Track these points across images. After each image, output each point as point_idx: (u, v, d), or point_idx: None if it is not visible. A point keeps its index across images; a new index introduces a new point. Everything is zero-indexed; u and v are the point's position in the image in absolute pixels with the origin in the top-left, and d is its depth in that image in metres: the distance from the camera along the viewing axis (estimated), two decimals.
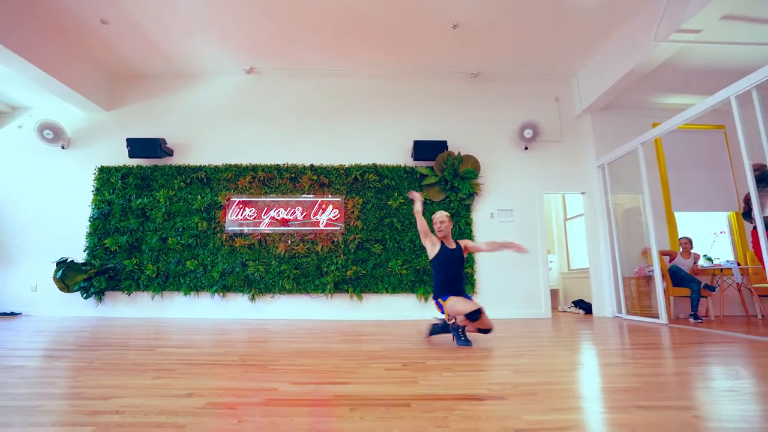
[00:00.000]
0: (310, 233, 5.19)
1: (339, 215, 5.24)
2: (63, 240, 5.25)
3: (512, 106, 5.75)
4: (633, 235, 5.38)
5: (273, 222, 5.23)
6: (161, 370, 1.93)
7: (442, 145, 5.35)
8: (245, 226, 5.23)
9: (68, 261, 4.96)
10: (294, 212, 5.25)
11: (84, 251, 5.20)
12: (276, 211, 5.25)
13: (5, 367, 2.00)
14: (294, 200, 5.30)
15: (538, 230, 5.37)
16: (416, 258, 5.12)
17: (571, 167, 5.64)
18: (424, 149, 5.32)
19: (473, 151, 5.51)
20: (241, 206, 5.27)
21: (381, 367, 2.04)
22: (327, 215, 5.23)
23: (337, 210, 5.25)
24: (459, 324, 2.84)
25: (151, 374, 1.85)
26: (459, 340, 2.83)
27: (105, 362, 2.14)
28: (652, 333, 3.56)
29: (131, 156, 5.29)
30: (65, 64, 4.99)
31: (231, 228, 5.22)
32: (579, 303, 5.95)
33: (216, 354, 2.44)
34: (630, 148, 4.84)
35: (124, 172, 5.38)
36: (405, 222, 5.21)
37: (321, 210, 5.25)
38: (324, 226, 5.20)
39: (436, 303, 2.97)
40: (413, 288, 5.07)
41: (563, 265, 6.96)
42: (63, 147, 5.57)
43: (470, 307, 2.71)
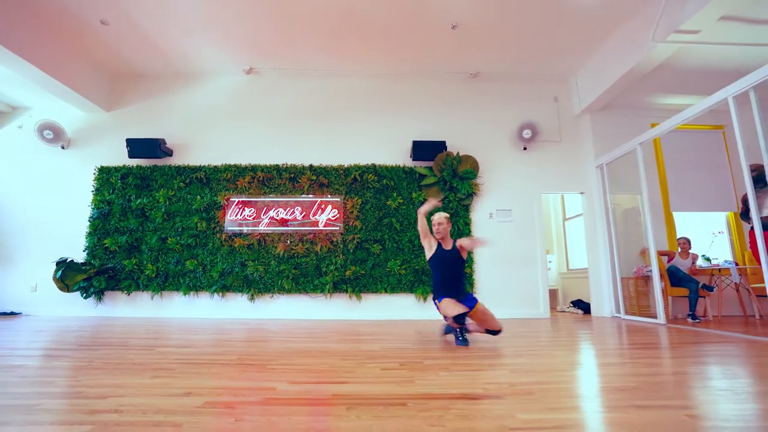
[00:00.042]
0: (309, 233, 5.20)
1: (338, 215, 5.25)
2: (63, 240, 5.26)
3: (511, 107, 5.76)
4: (632, 236, 5.40)
5: (272, 222, 5.24)
6: (160, 370, 1.94)
7: (441, 146, 5.36)
8: (244, 226, 5.24)
9: (68, 261, 4.97)
10: (293, 212, 5.26)
11: (84, 251, 5.21)
12: (275, 211, 5.26)
13: (5, 367, 2.01)
14: (293, 200, 5.31)
15: (537, 230, 5.38)
16: (415, 258, 5.13)
17: (570, 167, 5.65)
18: (423, 149, 5.33)
19: (472, 152, 5.52)
20: (241, 206, 5.28)
21: (378, 367, 2.05)
22: (326, 215, 5.24)
23: (336, 210, 5.26)
24: (452, 325, 2.87)
25: (150, 373, 1.86)
26: (457, 341, 2.85)
27: (104, 362, 2.15)
28: (650, 333, 3.57)
29: (131, 156, 5.31)
30: (65, 65, 5.00)
31: (230, 228, 5.23)
32: (578, 303, 5.96)
33: (215, 353, 2.45)
34: (629, 149, 4.85)
35: (124, 172, 5.39)
36: (404, 222, 5.23)
37: (320, 210, 5.26)
38: (323, 226, 5.21)
39: (435, 303, 3.00)
40: (412, 288, 5.08)
41: (562, 265, 6.97)
42: (63, 147, 5.58)
43: (456, 311, 2.73)
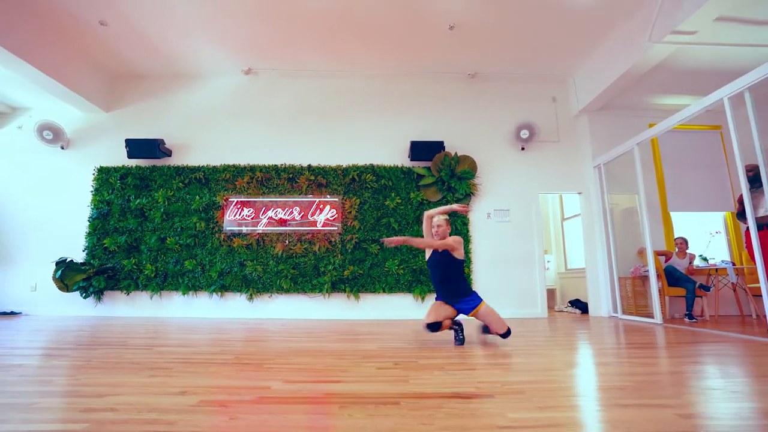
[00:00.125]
0: (308, 233, 5.22)
1: (336, 215, 5.27)
2: (62, 240, 5.28)
3: (509, 107, 5.77)
4: (629, 235, 5.41)
5: (271, 222, 5.26)
6: (157, 369, 1.96)
7: (439, 146, 5.38)
8: (243, 226, 5.26)
9: (67, 261, 4.99)
10: (292, 212, 5.28)
11: (83, 251, 5.23)
12: (274, 211, 5.28)
13: (4, 366, 2.03)
14: (292, 200, 5.33)
15: (535, 230, 5.40)
16: (413, 258, 5.15)
17: (568, 167, 5.66)
18: (421, 150, 5.34)
19: (470, 152, 5.53)
20: (239, 206, 5.30)
21: (374, 366, 2.07)
22: (324, 215, 5.26)
23: (335, 210, 5.28)
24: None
25: (147, 372, 1.88)
26: (456, 340, 2.87)
27: (103, 361, 2.17)
28: (646, 332, 3.59)
29: (130, 156, 5.33)
30: (64, 65, 5.02)
31: (229, 228, 5.25)
32: (575, 303, 5.98)
33: (212, 353, 2.47)
34: (626, 149, 4.86)
35: (123, 173, 5.42)
36: (402, 222, 5.25)
37: (318, 210, 5.28)
38: (321, 226, 5.23)
39: None
40: (410, 288, 5.10)
41: (560, 265, 6.99)
42: (62, 147, 5.60)
43: (429, 319, 2.83)
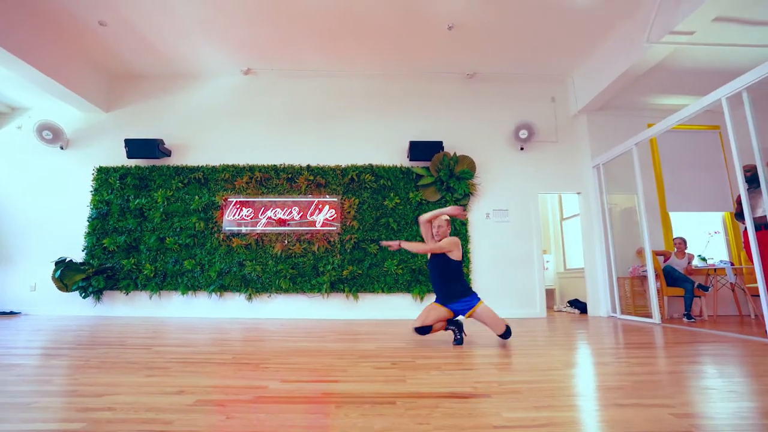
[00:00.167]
0: (307, 233, 5.23)
1: (335, 215, 5.28)
2: (62, 240, 5.29)
3: (508, 107, 5.78)
4: (628, 235, 5.41)
5: (270, 222, 5.27)
6: (155, 369, 1.97)
7: (438, 146, 5.38)
8: (242, 226, 5.27)
9: (67, 261, 5.00)
10: (291, 212, 5.29)
11: (82, 251, 5.24)
12: (273, 211, 5.29)
13: (3, 366, 2.04)
14: (291, 200, 5.33)
15: (534, 230, 5.41)
16: (412, 258, 5.16)
17: (567, 167, 5.67)
18: (420, 150, 5.35)
19: (469, 152, 5.54)
20: (239, 206, 5.31)
21: (371, 366, 2.08)
22: (323, 215, 5.27)
23: (334, 210, 5.29)
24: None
25: (145, 372, 1.89)
26: (455, 341, 2.88)
27: (101, 360, 2.18)
28: (644, 332, 3.59)
29: (129, 156, 5.34)
30: (64, 66, 5.03)
31: (228, 228, 5.26)
32: (574, 303, 5.99)
33: (210, 353, 2.47)
34: (625, 149, 4.87)
35: (123, 173, 5.42)
36: (401, 222, 5.25)
37: (317, 210, 5.29)
38: (320, 226, 5.24)
39: None
40: (409, 287, 5.11)
41: (559, 265, 7.00)
42: (62, 147, 5.61)
43: (417, 323, 2.86)
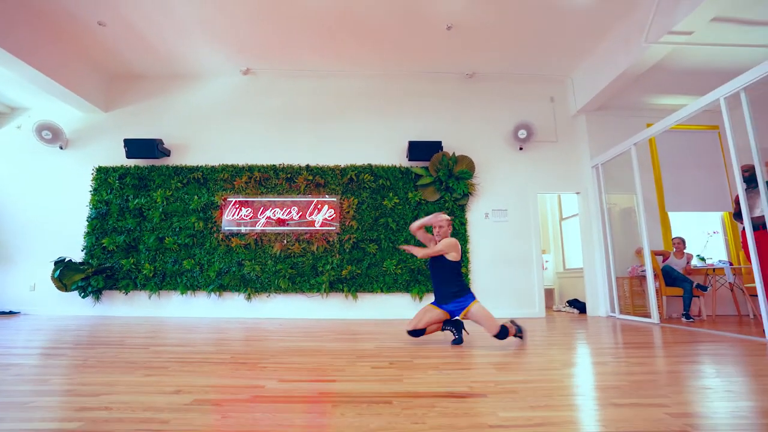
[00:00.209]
0: (306, 233, 5.23)
1: (334, 215, 5.28)
2: (61, 240, 5.29)
3: (507, 107, 5.78)
4: (627, 235, 5.42)
5: (269, 222, 5.27)
6: (153, 368, 1.97)
7: (437, 146, 5.39)
8: (241, 226, 5.27)
9: (66, 260, 5.00)
10: (290, 212, 5.29)
11: (82, 251, 5.24)
12: (272, 211, 5.29)
13: (2, 365, 2.04)
14: (290, 200, 5.34)
15: (532, 230, 5.41)
16: (411, 258, 5.16)
17: (566, 167, 5.67)
18: (419, 150, 5.35)
19: (468, 152, 5.54)
20: (238, 206, 5.31)
21: (368, 365, 2.08)
22: (322, 215, 5.27)
23: (333, 210, 5.29)
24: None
25: (143, 372, 1.89)
26: (453, 340, 2.88)
27: (99, 360, 2.18)
28: (643, 332, 3.60)
29: (129, 156, 5.34)
30: (63, 66, 5.03)
31: (227, 228, 5.26)
32: (573, 302, 5.99)
33: (208, 352, 2.48)
34: (623, 149, 4.87)
35: (122, 173, 5.43)
36: (400, 222, 5.25)
37: (317, 210, 5.29)
38: (319, 226, 5.24)
39: None
40: (408, 287, 5.12)
41: (559, 265, 7.00)
42: (61, 147, 5.61)
43: (410, 326, 2.87)
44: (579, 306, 5.80)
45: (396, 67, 5.66)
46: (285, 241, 5.21)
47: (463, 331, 2.97)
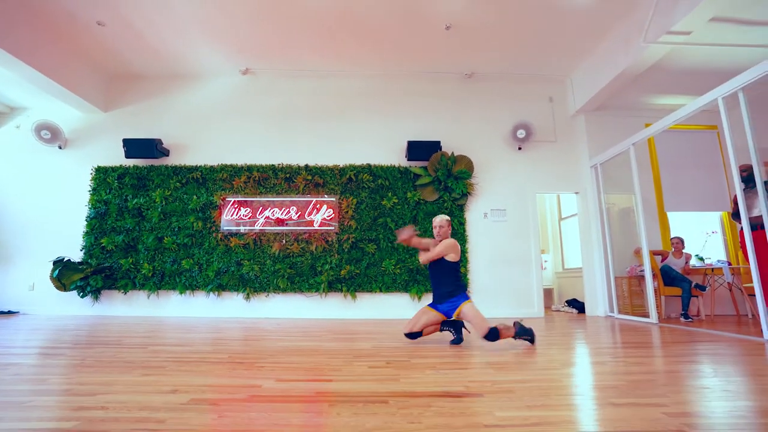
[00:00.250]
0: (305, 233, 5.23)
1: (333, 215, 5.28)
2: (60, 239, 5.29)
3: (506, 107, 5.78)
4: (626, 235, 5.42)
5: (268, 222, 5.27)
6: (150, 368, 1.97)
7: (436, 146, 5.39)
8: (240, 226, 5.27)
9: (65, 260, 5.00)
10: (289, 212, 5.29)
11: (81, 250, 5.24)
12: (271, 211, 5.29)
13: (0, 365, 2.04)
14: (289, 200, 5.34)
15: (531, 230, 5.41)
16: (409, 257, 5.16)
17: (565, 167, 5.67)
18: (418, 149, 5.35)
19: (467, 152, 5.54)
20: (237, 206, 5.31)
21: (365, 365, 2.08)
22: (321, 215, 5.27)
23: (332, 210, 5.29)
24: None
25: (140, 371, 1.89)
26: (452, 340, 2.88)
27: (97, 360, 2.18)
28: (641, 332, 3.60)
29: (128, 156, 5.34)
30: (63, 66, 5.03)
31: (226, 227, 5.26)
32: (572, 302, 5.99)
33: (206, 352, 2.48)
34: (622, 149, 4.87)
35: (121, 172, 5.43)
36: (398, 222, 5.26)
37: (315, 210, 5.29)
38: (318, 226, 5.24)
39: None
40: (406, 287, 5.12)
41: (558, 265, 7.00)
42: (60, 147, 5.61)
43: (407, 329, 2.88)
44: (578, 306, 5.81)
45: (395, 67, 5.66)
46: (284, 241, 5.21)
47: (463, 330, 2.96)
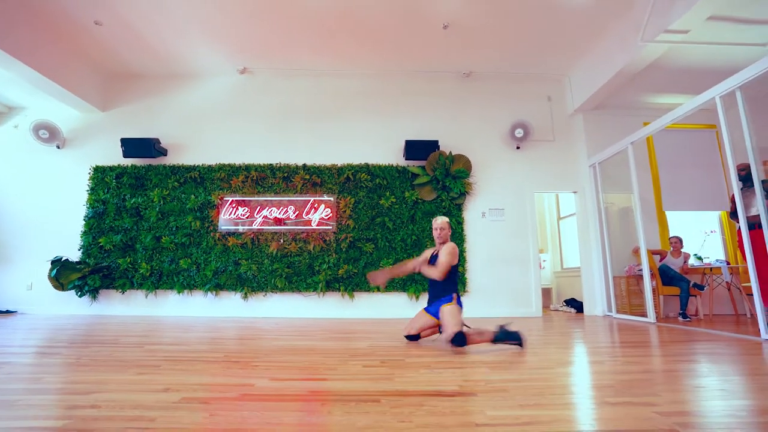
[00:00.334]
0: (303, 232, 5.23)
1: (331, 214, 5.28)
2: (58, 239, 5.29)
3: (504, 106, 5.78)
4: (624, 235, 5.42)
5: (266, 221, 5.27)
6: (145, 367, 1.97)
7: (434, 145, 5.38)
8: (238, 225, 5.27)
9: (63, 260, 5.00)
10: (286, 211, 5.29)
11: (79, 250, 5.24)
12: (269, 211, 5.29)
13: None
14: (286, 199, 5.34)
15: (529, 229, 5.41)
16: (407, 257, 5.15)
17: (563, 166, 5.67)
18: (416, 149, 5.35)
19: (465, 151, 5.54)
20: (234, 205, 5.31)
21: (360, 364, 2.08)
22: (319, 214, 5.27)
23: (329, 209, 5.29)
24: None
25: (135, 370, 1.89)
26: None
27: (92, 359, 2.18)
28: (639, 331, 3.59)
29: (126, 156, 5.34)
30: (61, 66, 5.03)
31: (224, 227, 5.26)
32: (571, 302, 5.99)
33: (202, 351, 2.48)
34: (620, 148, 4.87)
35: (119, 172, 5.42)
36: (396, 221, 5.25)
37: (313, 209, 5.29)
38: (316, 225, 5.24)
39: None
40: (404, 287, 5.12)
41: (556, 264, 7.00)
42: (58, 147, 5.61)
43: (406, 332, 2.91)
44: (576, 305, 5.80)
45: (393, 67, 5.66)
46: (281, 241, 5.21)
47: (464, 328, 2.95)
